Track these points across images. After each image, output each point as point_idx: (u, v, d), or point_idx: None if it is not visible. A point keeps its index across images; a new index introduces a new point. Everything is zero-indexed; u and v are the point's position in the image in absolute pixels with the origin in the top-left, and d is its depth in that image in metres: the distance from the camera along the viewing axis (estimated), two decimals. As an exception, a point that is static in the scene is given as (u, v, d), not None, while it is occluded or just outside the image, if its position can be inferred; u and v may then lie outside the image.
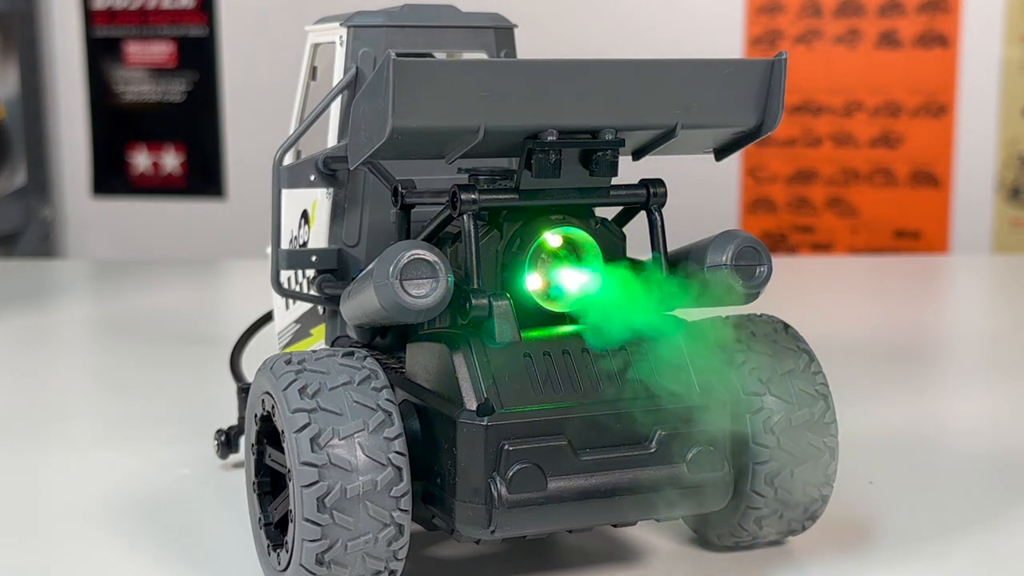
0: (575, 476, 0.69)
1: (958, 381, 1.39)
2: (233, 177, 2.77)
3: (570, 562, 0.80)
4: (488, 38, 0.90)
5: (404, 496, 0.69)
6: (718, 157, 0.78)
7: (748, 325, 0.79)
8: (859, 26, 2.46)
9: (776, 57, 0.73)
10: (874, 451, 1.03)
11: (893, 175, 2.48)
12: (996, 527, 0.87)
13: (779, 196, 2.55)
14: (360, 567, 0.69)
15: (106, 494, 0.95)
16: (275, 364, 0.72)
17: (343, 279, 0.87)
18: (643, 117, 0.71)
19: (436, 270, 0.69)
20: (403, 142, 0.68)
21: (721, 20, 2.51)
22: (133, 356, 1.45)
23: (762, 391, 0.76)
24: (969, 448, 1.07)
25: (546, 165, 0.70)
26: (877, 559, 0.81)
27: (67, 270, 2.31)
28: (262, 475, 0.76)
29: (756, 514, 0.77)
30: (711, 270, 0.74)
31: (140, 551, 0.83)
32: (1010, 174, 2.42)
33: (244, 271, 2.11)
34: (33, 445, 1.10)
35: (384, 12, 0.89)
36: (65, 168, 2.85)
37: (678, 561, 0.81)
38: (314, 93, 0.93)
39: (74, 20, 2.79)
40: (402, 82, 0.65)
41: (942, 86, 2.43)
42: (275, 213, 0.88)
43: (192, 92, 2.77)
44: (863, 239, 2.52)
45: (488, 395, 0.68)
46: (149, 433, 1.11)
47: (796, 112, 2.50)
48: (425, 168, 0.81)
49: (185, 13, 2.74)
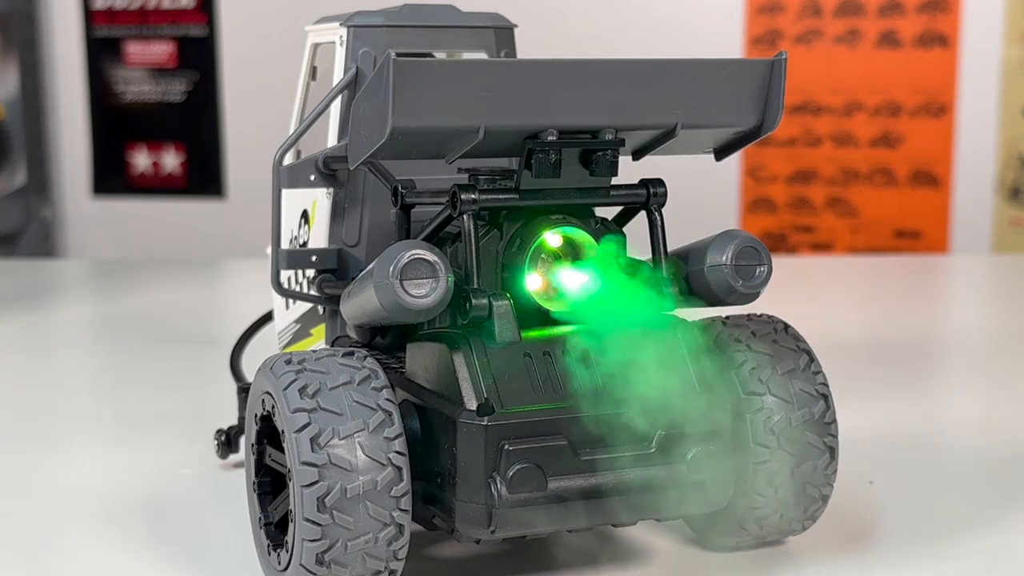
0: (575, 476, 0.69)
1: (958, 381, 1.38)
2: (233, 177, 2.77)
3: (570, 562, 0.80)
4: (488, 38, 0.90)
5: (404, 496, 0.69)
6: (718, 157, 0.79)
7: (748, 325, 0.79)
8: (859, 26, 2.46)
9: (776, 57, 0.73)
10: (874, 451, 1.03)
11: (893, 175, 2.48)
12: (996, 527, 0.87)
13: (779, 196, 2.55)
14: (360, 567, 0.69)
15: (106, 494, 0.95)
16: (275, 364, 0.72)
17: (343, 279, 0.87)
18: (643, 117, 0.71)
19: (436, 270, 0.69)
20: (403, 142, 0.68)
21: (721, 20, 2.51)
22: (133, 356, 1.45)
23: (762, 391, 0.76)
24: (969, 448, 1.06)
25: (546, 165, 0.70)
26: (877, 559, 0.81)
27: (67, 270, 2.31)
28: (262, 475, 0.76)
29: (756, 514, 0.77)
30: (711, 270, 0.75)
31: (140, 551, 0.83)
32: (1010, 174, 2.42)
33: (244, 271, 2.11)
34: (33, 445, 1.10)
35: (384, 12, 0.89)
36: (65, 168, 2.85)
37: (678, 561, 0.81)
38: (314, 93, 0.93)
39: (74, 20, 2.79)
40: (402, 82, 0.65)
41: (942, 86, 2.43)
42: (275, 213, 0.88)
43: (192, 92, 2.77)
44: (863, 239, 2.52)
45: (488, 395, 0.68)
46: (149, 433, 1.11)
47: (796, 112, 2.50)
48: (425, 168, 0.81)
49: (185, 13, 2.74)
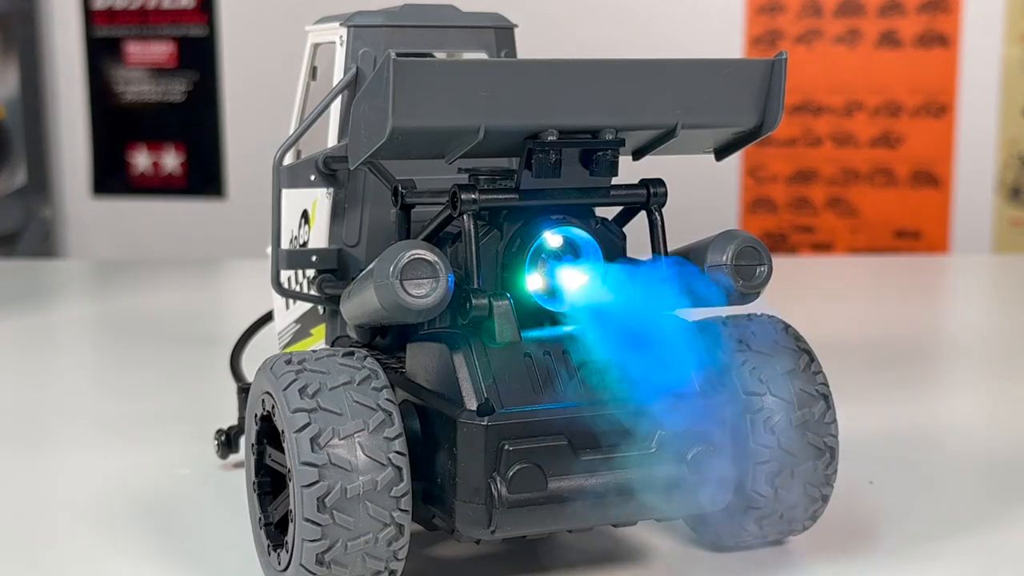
0: (575, 476, 0.69)
1: (958, 381, 1.38)
2: (233, 177, 2.77)
3: (570, 562, 0.80)
4: (488, 38, 0.90)
5: (404, 496, 0.69)
6: (718, 157, 0.78)
7: (748, 325, 0.79)
8: (859, 26, 2.46)
9: (776, 57, 0.73)
10: (874, 451, 1.02)
11: (893, 175, 2.48)
12: (996, 527, 0.87)
13: (779, 196, 2.55)
14: (360, 567, 0.69)
15: (106, 494, 0.94)
16: (275, 364, 0.72)
17: (343, 279, 0.87)
18: (643, 117, 0.71)
19: (436, 270, 0.69)
20: (403, 142, 0.68)
21: (721, 20, 2.51)
22: (133, 356, 1.45)
23: (762, 391, 0.76)
24: (969, 448, 1.06)
25: (546, 165, 0.70)
26: (877, 559, 0.81)
27: (67, 270, 2.31)
28: (262, 475, 0.76)
29: (756, 514, 0.77)
30: (711, 270, 0.75)
31: (140, 551, 0.83)
32: (1010, 174, 2.42)
33: (244, 271, 2.11)
34: (33, 445, 1.10)
35: (384, 12, 0.89)
36: (65, 168, 2.85)
37: (678, 561, 0.81)
38: (314, 93, 0.93)
39: (74, 20, 2.78)
40: (402, 82, 0.65)
41: (942, 86, 2.43)
42: (275, 213, 0.88)
43: (192, 92, 2.77)
44: (863, 239, 2.52)
45: (488, 395, 0.68)
46: (149, 433, 1.11)
47: (796, 112, 2.49)
48: (425, 168, 0.81)
49: (185, 13, 2.74)
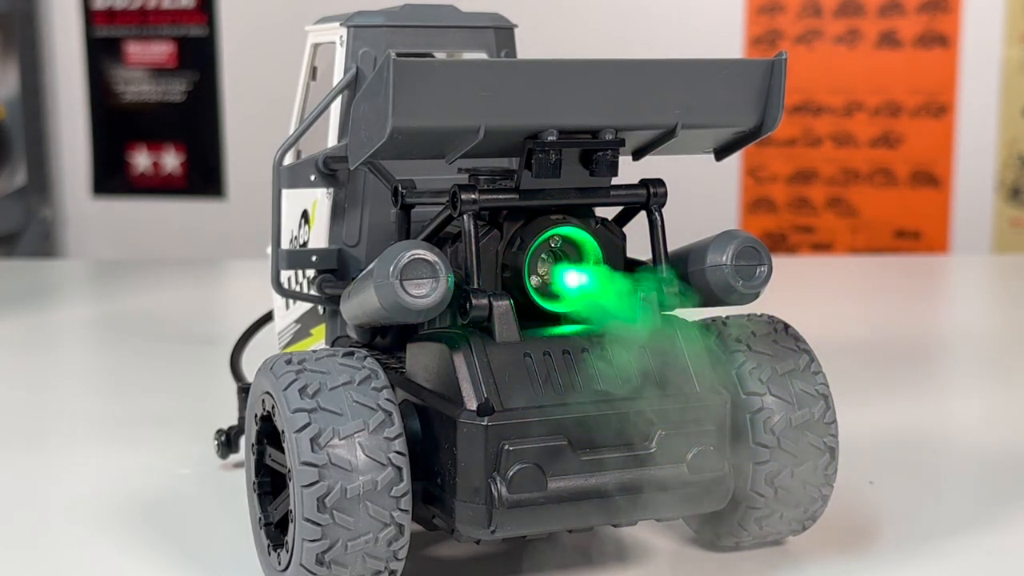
0: (575, 476, 0.69)
1: (958, 381, 1.38)
2: (233, 177, 2.77)
3: (570, 562, 0.80)
4: (488, 38, 0.90)
5: (404, 496, 0.69)
6: (718, 157, 0.79)
7: (748, 325, 0.79)
8: (859, 26, 2.46)
9: (776, 57, 0.73)
10: (874, 451, 1.02)
11: (893, 175, 2.48)
12: (996, 527, 0.87)
13: (779, 196, 2.55)
14: (360, 567, 0.69)
15: (106, 494, 0.95)
16: (275, 364, 0.72)
17: (343, 279, 0.87)
18: (643, 117, 0.71)
19: (436, 270, 0.69)
20: (403, 142, 0.68)
21: (721, 20, 2.51)
22: (133, 356, 1.45)
23: (762, 391, 0.76)
24: (969, 448, 1.06)
25: (546, 165, 0.70)
26: (877, 559, 0.81)
27: (67, 270, 2.31)
28: (262, 475, 0.76)
29: (756, 514, 0.77)
30: (711, 270, 0.75)
31: (140, 551, 0.83)
32: (1010, 174, 2.42)
33: (244, 271, 2.11)
34: (33, 445, 1.10)
35: (384, 12, 0.89)
36: (65, 168, 2.85)
37: (678, 561, 0.81)
38: (314, 93, 0.93)
39: (74, 20, 2.79)
40: (402, 82, 0.65)
41: (942, 86, 2.43)
42: (275, 213, 0.88)
43: (192, 92, 2.77)
44: (863, 239, 2.52)
45: (488, 395, 0.68)
46: (149, 433, 1.11)
47: (796, 112, 2.50)
48: (425, 168, 0.81)
49: (185, 13, 2.74)
